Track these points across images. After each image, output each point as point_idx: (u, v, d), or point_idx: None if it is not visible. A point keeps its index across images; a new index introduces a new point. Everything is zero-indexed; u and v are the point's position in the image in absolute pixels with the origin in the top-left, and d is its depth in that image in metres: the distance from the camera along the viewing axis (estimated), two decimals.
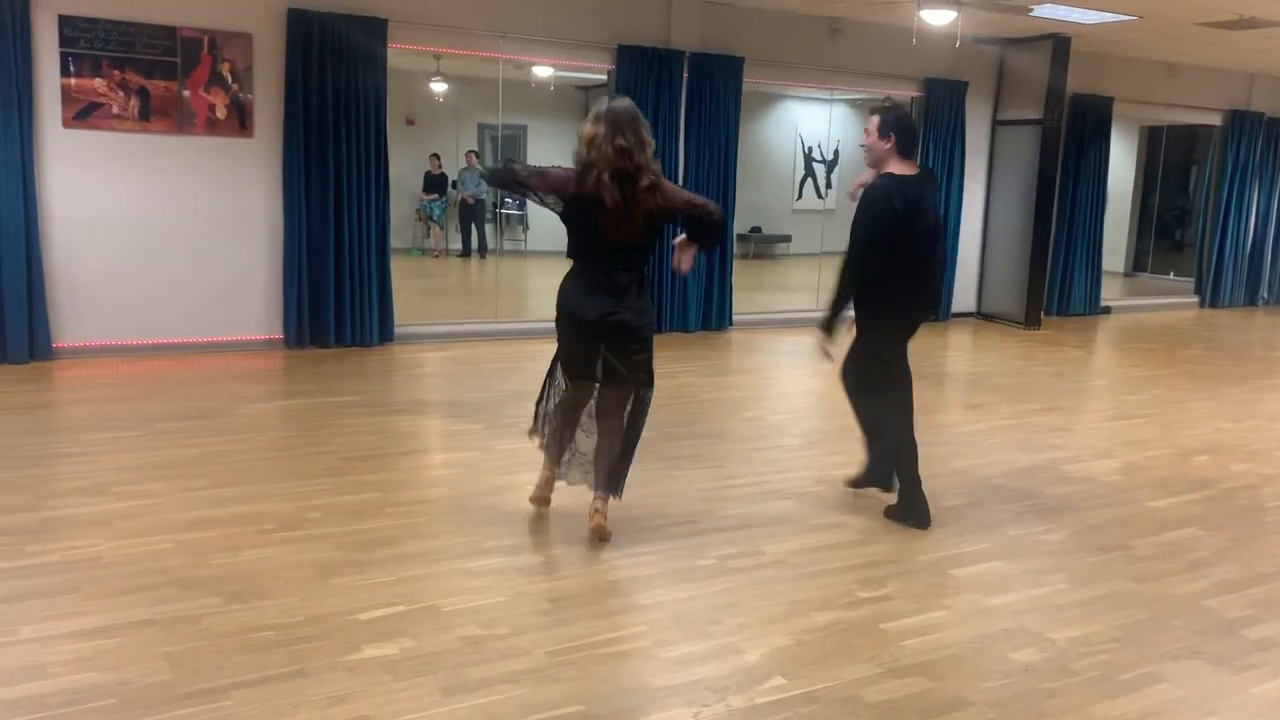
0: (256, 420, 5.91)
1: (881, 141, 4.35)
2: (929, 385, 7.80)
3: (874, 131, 4.36)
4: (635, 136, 3.92)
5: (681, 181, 9.17)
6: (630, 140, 3.90)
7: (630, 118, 3.95)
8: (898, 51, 9.57)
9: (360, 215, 7.85)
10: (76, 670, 2.97)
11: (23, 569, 3.65)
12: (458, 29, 8.16)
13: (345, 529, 4.17)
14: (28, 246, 6.80)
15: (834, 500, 4.85)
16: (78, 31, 6.86)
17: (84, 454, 5.05)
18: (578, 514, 4.46)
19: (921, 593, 3.81)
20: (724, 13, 9.16)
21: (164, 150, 7.23)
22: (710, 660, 3.20)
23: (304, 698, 2.88)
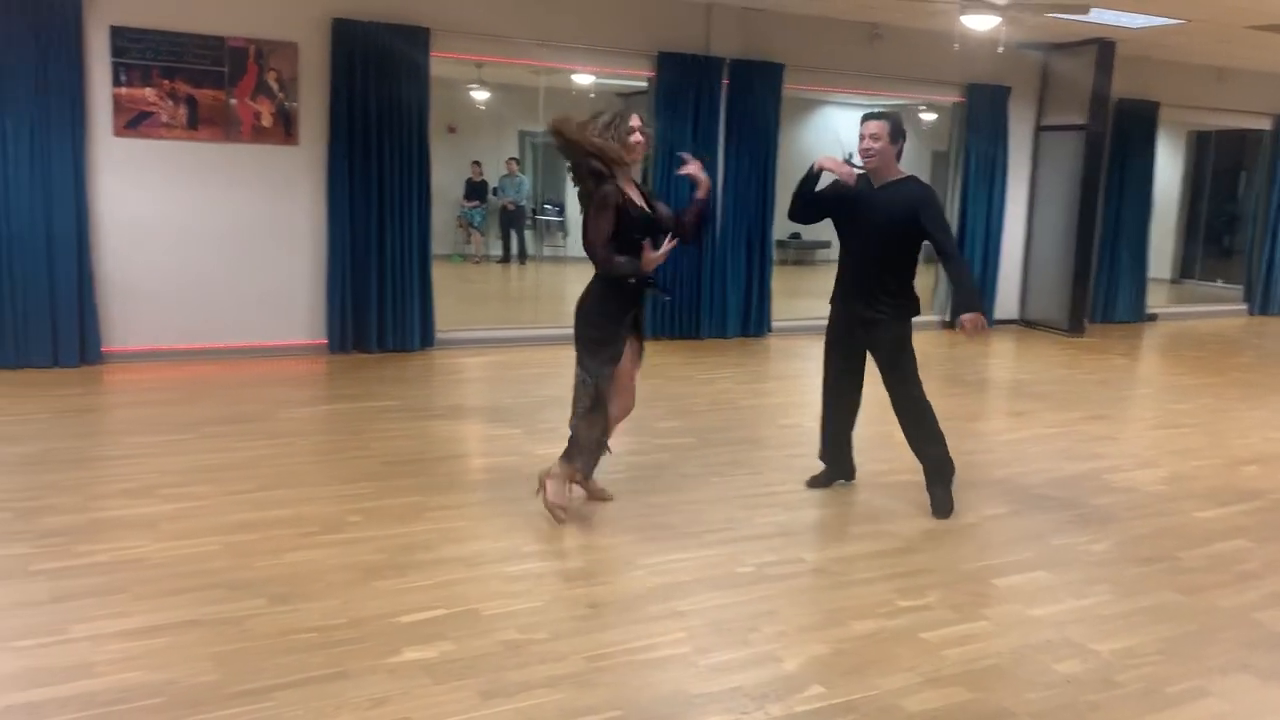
0: (300, 424, 5.99)
1: (892, 146, 4.50)
2: (971, 392, 7.74)
3: (885, 136, 4.47)
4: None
5: (721, 188, 9.18)
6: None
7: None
8: (939, 57, 9.50)
9: (402, 222, 7.93)
10: (124, 669, 3.02)
11: (73, 569, 3.72)
12: (499, 37, 8.23)
13: (386, 532, 4.21)
14: (79, 252, 6.94)
15: (874, 508, 4.82)
16: (129, 42, 7.00)
17: (131, 456, 5.15)
18: (616, 520, 4.48)
19: (962, 602, 3.78)
20: (764, 19, 9.16)
21: (211, 158, 7.36)
22: (749, 668, 3.20)
23: (346, 699, 2.91)
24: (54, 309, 6.91)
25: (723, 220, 9.26)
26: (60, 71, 6.75)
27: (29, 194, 6.76)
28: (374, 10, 7.62)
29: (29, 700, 2.83)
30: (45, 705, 2.81)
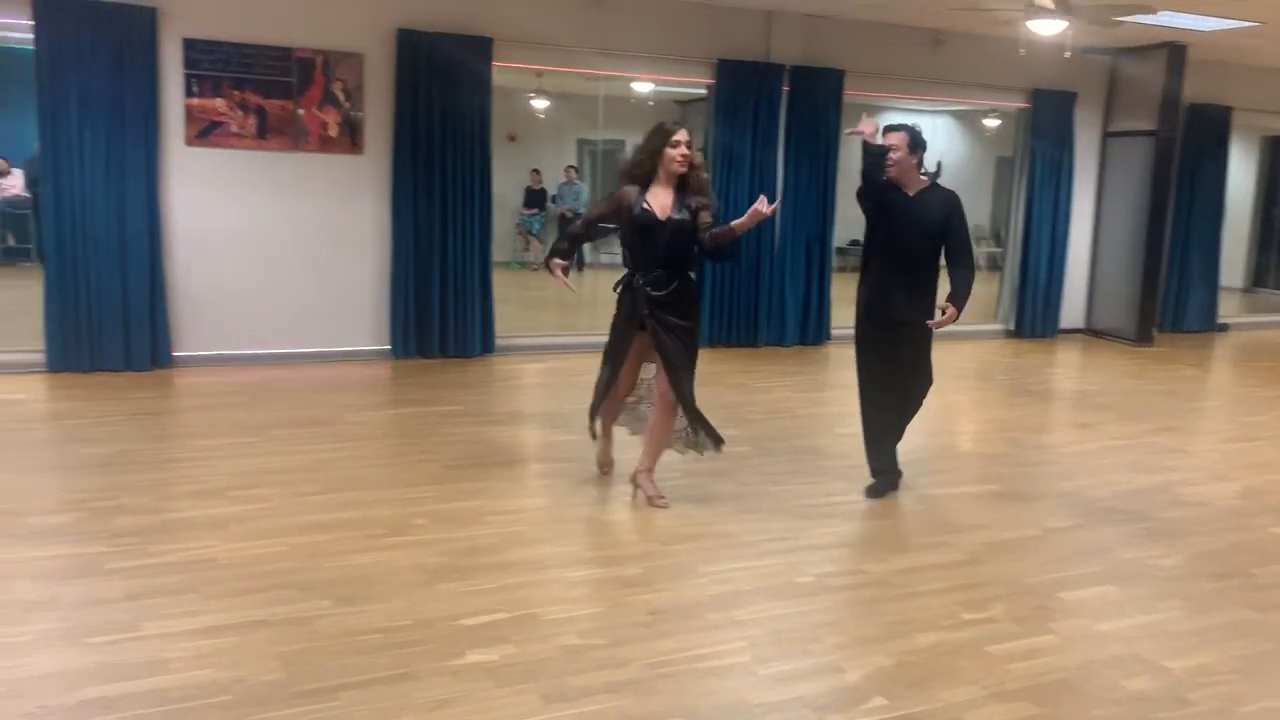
0: (365, 428, 6.08)
1: (911, 156, 4.76)
2: (1035, 403, 7.61)
3: (904, 148, 4.73)
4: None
5: (780, 195, 9.15)
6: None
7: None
8: (1003, 62, 9.39)
9: (464, 230, 8.02)
10: (195, 667, 3.09)
11: (146, 568, 3.81)
12: (560, 46, 8.29)
13: (449, 535, 4.26)
14: (151, 259, 7.12)
15: (936, 520, 4.77)
16: (200, 54, 7.18)
17: (201, 459, 5.27)
18: (675, 528, 4.49)
19: (1028, 616, 3.72)
20: (825, 26, 9.11)
21: (279, 167, 7.51)
22: (810, 678, 3.18)
23: (410, 701, 2.94)
24: (127, 314, 7.10)
25: (781, 226, 9.23)
26: (135, 82, 6.94)
27: (104, 202, 6.96)
28: (438, 21, 7.73)
29: (104, 695, 2.91)
30: (120, 700, 2.88)
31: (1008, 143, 11.09)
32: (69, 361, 7.02)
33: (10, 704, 2.85)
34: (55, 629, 3.31)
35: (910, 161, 4.76)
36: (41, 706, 2.83)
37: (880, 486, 5.04)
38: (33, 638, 3.24)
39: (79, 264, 6.96)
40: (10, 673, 3.01)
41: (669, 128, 4.59)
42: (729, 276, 9.08)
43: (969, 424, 7.03)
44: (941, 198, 4.83)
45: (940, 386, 5.85)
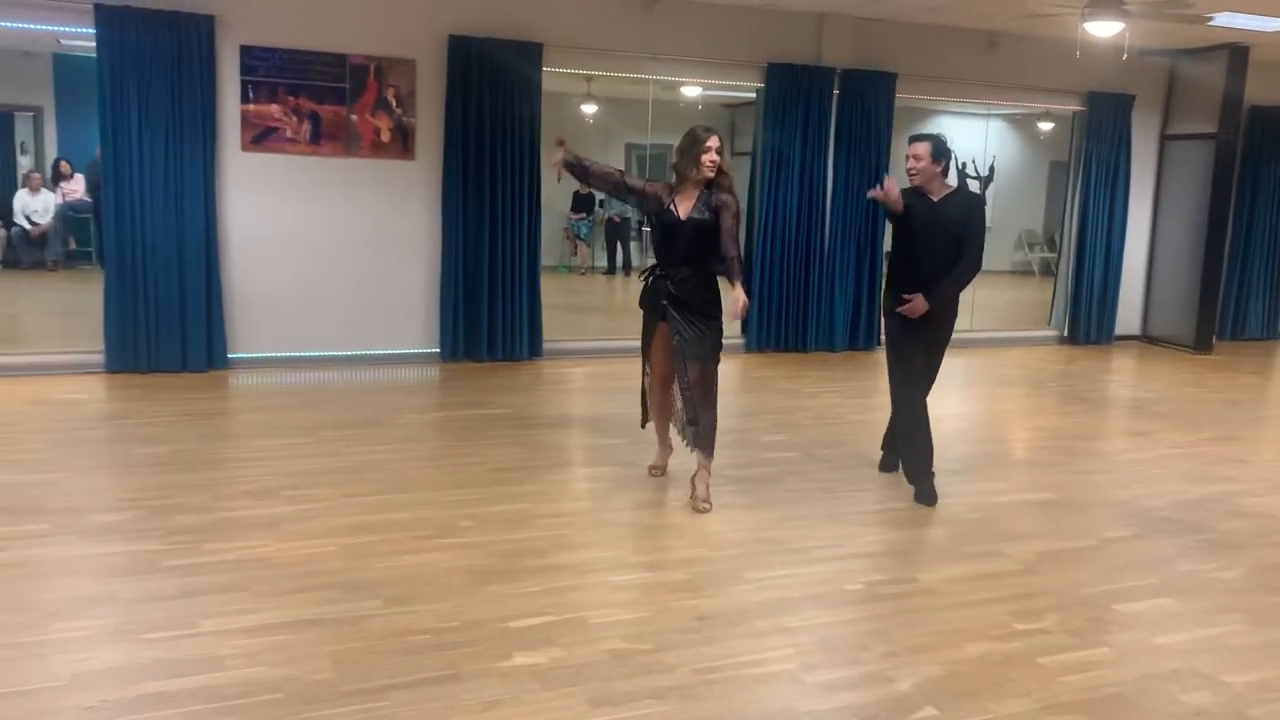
0: (414, 430, 6.14)
1: (934, 165, 4.97)
2: (1090, 411, 7.49)
3: (926, 157, 4.96)
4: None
5: (830, 199, 9.10)
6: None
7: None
8: (1059, 64, 9.25)
9: (513, 234, 8.07)
10: (248, 664, 3.13)
11: (201, 566, 3.88)
12: (610, 51, 8.32)
13: (497, 538, 4.28)
14: (208, 262, 7.25)
15: (988, 529, 4.70)
16: (257, 60, 7.30)
17: (255, 459, 5.35)
18: (721, 533, 4.48)
19: (1082, 627, 3.65)
20: (877, 28, 9.05)
21: (332, 172, 7.61)
22: (859, 687, 3.15)
23: (458, 702, 2.96)
24: (184, 316, 7.23)
25: (831, 231, 9.17)
26: (193, 89, 7.07)
27: (163, 206, 7.09)
28: (489, 26, 7.79)
29: (161, 690, 2.96)
30: (175, 695, 2.93)
31: (1062, 146, 10.92)
32: (127, 362, 7.16)
33: (72, 697, 2.91)
34: (114, 625, 3.37)
35: (934, 170, 4.96)
36: (102, 700, 2.89)
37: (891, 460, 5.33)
38: (93, 633, 3.31)
39: (138, 267, 7.11)
40: (72, 667, 3.07)
41: (700, 134, 4.71)
42: (777, 281, 9.03)
43: (1021, 431, 6.93)
44: (964, 200, 5.06)
45: (992, 393, 5.77)
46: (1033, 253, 15.50)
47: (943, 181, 5.02)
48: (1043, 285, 13.22)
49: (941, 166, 5.00)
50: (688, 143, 4.73)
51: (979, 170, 15.03)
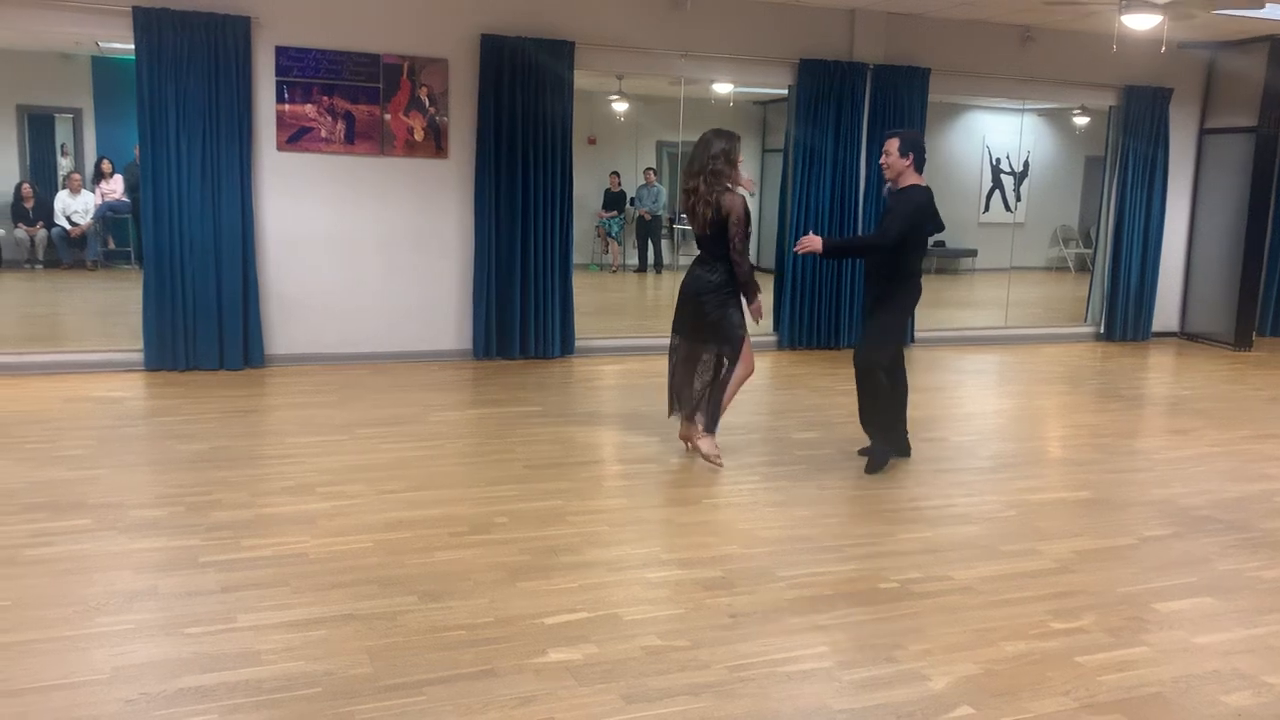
0: (448, 427, 6.17)
1: (902, 160, 5.19)
2: (1127, 408, 7.40)
3: (895, 152, 5.20)
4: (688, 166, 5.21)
5: (863, 195, 9.06)
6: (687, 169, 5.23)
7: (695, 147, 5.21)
8: (1095, 58, 9.15)
9: (545, 232, 8.09)
10: (286, 659, 3.17)
11: (240, 561, 3.93)
12: (642, 50, 8.32)
13: (531, 534, 4.30)
14: (244, 261, 7.33)
15: (1024, 527, 4.66)
16: (291, 61, 7.37)
17: (292, 456, 5.40)
18: (754, 531, 4.47)
19: (1120, 626, 3.61)
20: (909, 24, 8.99)
21: (366, 171, 7.67)
22: (894, 685, 3.13)
23: (493, 697, 2.98)
24: (221, 315, 7.32)
25: (864, 227, 9.12)
26: (230, 89, 7.15)
27: (200, 206, 7.18)
28: (521, 25, 7.82)
29: (201, 684, 3.00)
30: (215, 689, 2.97)
31: (1098, 141, 10.80)
32: (165, 360, 7.26)
33: (114, 690, 2.95)
34: (155, 619, 3.42)
35: (903, 164, 5.19)
36: (143, 694, 2.94)
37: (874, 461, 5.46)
38: (134, 627, 3.36)
39: (176, 266, 7.20)
40: (114, 660, 3.12)
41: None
42: (810, 278, 9.00)
43: (1057, 428, 6.86)
44: (903, 192, 5.24)
45: (1028, 390, 5.68)
46: (1068, 248, 15.34)
47: (914, 175, 5.20)
48: (1078, 281, 13.09)
49: (910, 161, 5.17)
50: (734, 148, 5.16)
51: (1013, 165, 14.90)
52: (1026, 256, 14.04)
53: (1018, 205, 14.62)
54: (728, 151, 5.10)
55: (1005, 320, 10.51)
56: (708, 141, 5.14)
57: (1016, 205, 14.69)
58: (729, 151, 5.10)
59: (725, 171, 5.09)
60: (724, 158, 5.09)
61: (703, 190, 5.10)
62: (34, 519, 4.31)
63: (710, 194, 5.08)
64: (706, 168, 5.09)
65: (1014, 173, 14.93)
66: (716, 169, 5.08)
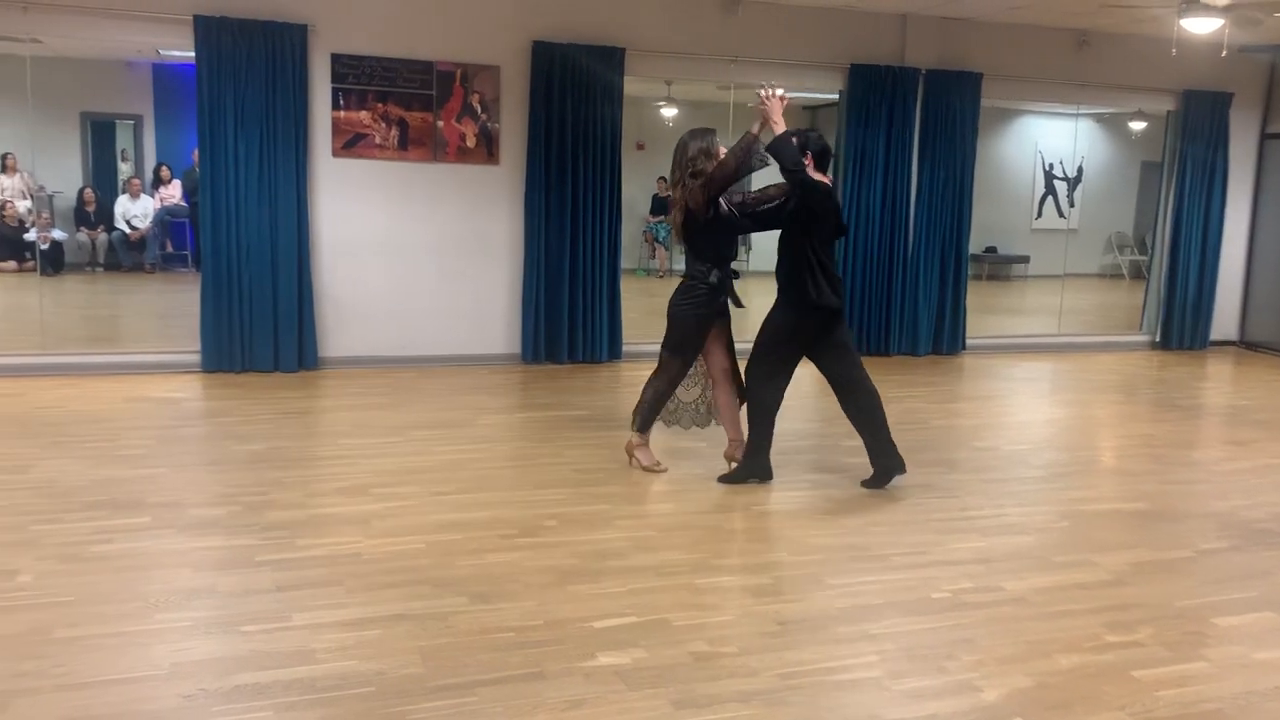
0: (497, 431, 6.22)
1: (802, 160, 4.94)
2: (1185, 418, 7.27)
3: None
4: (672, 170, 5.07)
5: (914, 200, 8.99)
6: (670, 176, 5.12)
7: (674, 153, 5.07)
8: (1153, 62, 9.02)
9: (594, 238, 8.13)
10: (340, 658, 3.21)
11: (294, 561, 3.99)
12: (691, 56, 8.33)
13: (579, 538, 4.32)
14: (299, 265, 7.45)
15: (1078, 538, 4.60)
16: (346, 68, 7.48)
17: (345, 457, 5.48)
18: (803, 539, 4.45)
19: (1178, 641, 3.55)
20: (962, 28, 8.92)
21: (419, 177, 7.76)
22: (945, 696, 3.11)
23: (543, 700, 3.00)
24: (276, 318, 7.44)
25: (915, 233, 9.06)
26: (286, 96, 7.27)
27: (257, 211, 7.31)
28: (572, 32, 7.87)
29: (257, 681, 3.05)
30: (271, 687, 3.02)
31: (1155, 146, 10.62)
32: (222, 362, 7.40)
33: (173, 685, 3.02)
34: (212, 616, 3.49)
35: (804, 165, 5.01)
36: (200, 689, 2.99)
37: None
38: (192, 624, 3.43)
39: (233, 269, 7.33)
40: (173, 656, 3.19)
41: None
42: (860, 284, 8.94)
43: (1112, 439, 6.76)
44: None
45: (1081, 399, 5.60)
46: (1123, 255, 15.08)
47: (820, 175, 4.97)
48: (1133, 289, 12.86)
49: (810, 161, 4.89)
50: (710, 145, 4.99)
51: (1066, 171, 14.69)
52: (1080, 263, 13.81)
53: (1071, 211, 14.41)
54: (705, 149, 4.95)
55: (1058, 328, 10.37)
56: (684, 145, 5.00)
57: (1070, 211, 14.48)
58: (706, 148, 4.95)
59: (706, 169, 4.91)
60: (703, 155, 4.94)
61: (678, 196, 4.98)
62: (95, 516, 4.41)
63: (683, 197, 4.94)
64: (687, 170, 4.95)
65: (1067, 178, 14.71)
66: (698, 169, 4.92)
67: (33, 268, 10.64)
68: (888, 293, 9.02)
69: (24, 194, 11.49)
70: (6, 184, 11.58)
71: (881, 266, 8.97)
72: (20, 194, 11.52)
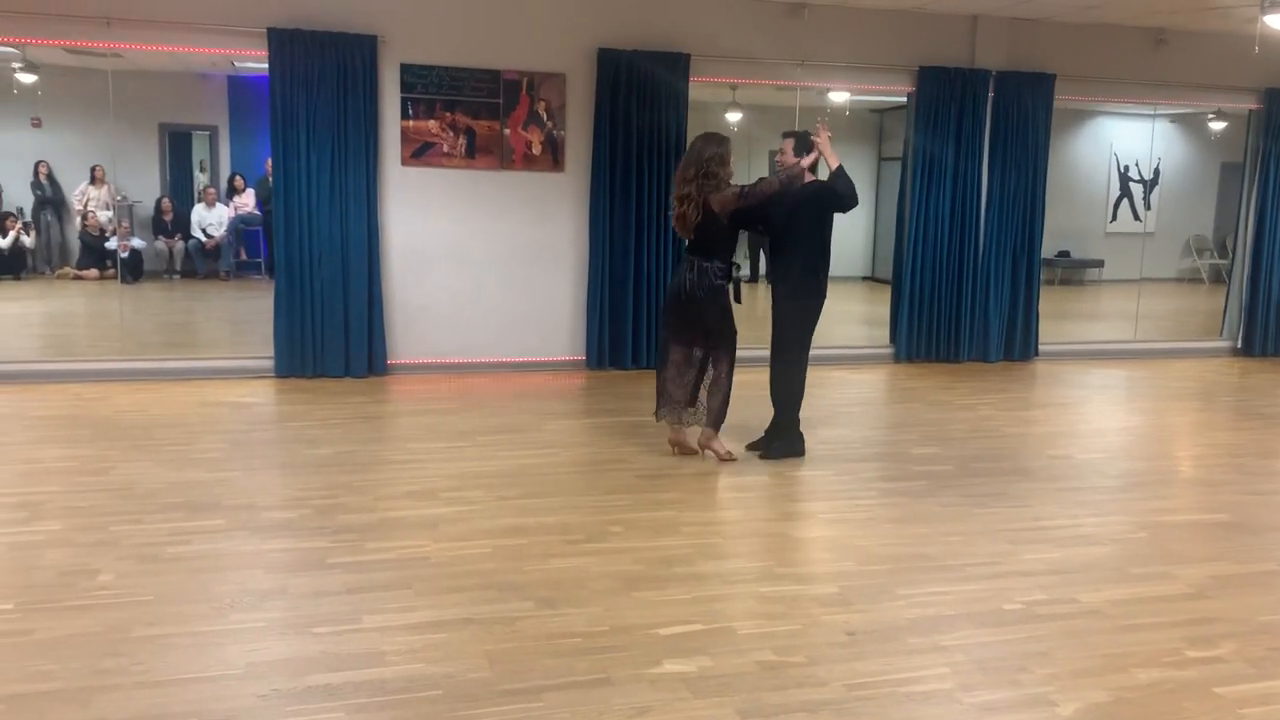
0: (563, 436, 6.25)
1: (794, 158, 5.46)
2: (1266, 427, 7.04)
3: (789, 151, 5.50)
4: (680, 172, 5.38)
5: (984, 204, 8.85)
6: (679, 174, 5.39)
7: (688, 153, 5.41)
8: (1234, 61, 8.77)
9: (658, 243, 8.13)
10: (409, 661, 3.24)
11: (364, 564, 4.04)
12: (757, 60, 8.30)
13: (644, 544, 4.32)
14: (370, 272, 7.57)
15: (1156, 549, 4.47)
16: (415, 78, 7.58)
17: (414, 461, 5.54)
18: (871, 548, 4.40)
19: (1262, 657, 3.43)
20: (1034, 29, 8.76)
21: (486, 185, 7.84)
22: (1019, 710, 3.04)
23: (609, 706, 3.00)
24: (347, 324, 7.57)
25: (986, 238, 8.91)
26: (357, 106, 7.40)
27: (328, 219, 7.44)
28: (637, 39, 7.88)
29: (328, 682, 3.10)
30: (342, 688, 3.06)
31: (1236, 147, 10.32)
32: (294, 367, 7.54)
33: (247, 685, 3.07)
34: (285, 618, 3.55)
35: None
36: (274, 690, 3.05)
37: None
38: (266, 624, 3.49)
39: (305, 277, 7.47)
40: (247, 656, 3.25)
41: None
42: (929, 289, 8.82)
43: (1191, 447, 6.57)
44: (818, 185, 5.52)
45: (1159, 407, 5.43)
46: (1202, 259, 14.68)
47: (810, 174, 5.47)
48: (1213, 293, 12.50)
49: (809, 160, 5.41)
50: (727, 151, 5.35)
51: (1142, 173, 14.35)
52: (1157, 267, 13.47)
53: (1147, 214, 14.07)
54: (720, 155, 5.28)
55: (1134, 333, 10.12)
56: (699, 148, 5.32)
57: (1146, 214, 14.14)
58: (722, 155, 5.29)
59: (718, 174, 5.26)
60: (718, 160, 5.27)
61: (694, 194, 5.25)
62: (172, 518, 4.52)
63: (699, 196, 5.24)
64: (701, 172, 5.25)
65: (1143, 180, 14.37)
66: (710, 171, 5.24)
67: (113, 275, 10.98)
68: (957, 299, 8.88)
69: (106, 204, 11.86)
70: (93, 194, 11.96)
71: (951, 272, 8.83)
72: (103, 204, 11.89)
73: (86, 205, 11.98)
